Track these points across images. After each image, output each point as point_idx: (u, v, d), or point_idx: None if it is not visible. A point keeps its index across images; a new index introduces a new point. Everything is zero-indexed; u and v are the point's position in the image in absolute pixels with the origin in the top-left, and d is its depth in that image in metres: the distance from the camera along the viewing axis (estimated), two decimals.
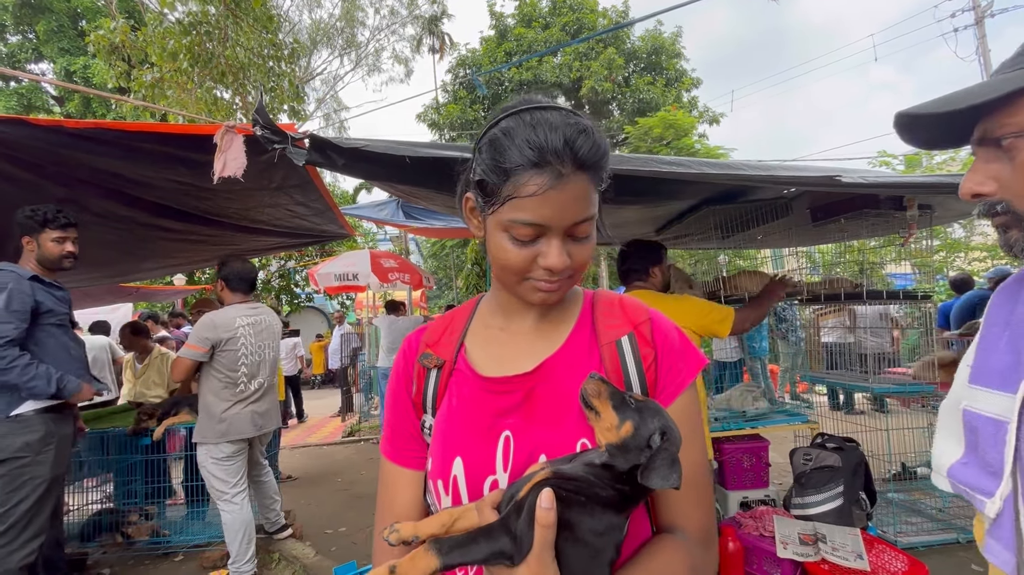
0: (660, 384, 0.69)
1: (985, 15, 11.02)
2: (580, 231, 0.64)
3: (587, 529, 0.55)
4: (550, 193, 0.60)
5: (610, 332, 0.71)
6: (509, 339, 0.75)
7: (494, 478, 0.66)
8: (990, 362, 0.67)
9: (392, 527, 0.60)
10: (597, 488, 0.56)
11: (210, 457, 2.87)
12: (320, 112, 18.16)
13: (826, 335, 6.22)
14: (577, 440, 0.65)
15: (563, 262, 0.62)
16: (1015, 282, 0.71)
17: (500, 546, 0.55)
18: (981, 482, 0.65)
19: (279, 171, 2.54)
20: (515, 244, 0.63)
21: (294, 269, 11.02)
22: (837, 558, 2.29)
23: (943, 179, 2.30)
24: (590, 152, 0.61)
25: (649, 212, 3.28)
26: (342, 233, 4.27)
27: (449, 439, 0.70)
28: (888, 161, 10.40)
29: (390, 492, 0.76)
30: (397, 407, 0.78)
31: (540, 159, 0.59)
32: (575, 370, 0.69)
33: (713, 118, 14.30)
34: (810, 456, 2.71)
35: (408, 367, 0.77)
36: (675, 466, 0.55)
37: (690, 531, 0.68)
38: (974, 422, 0.67)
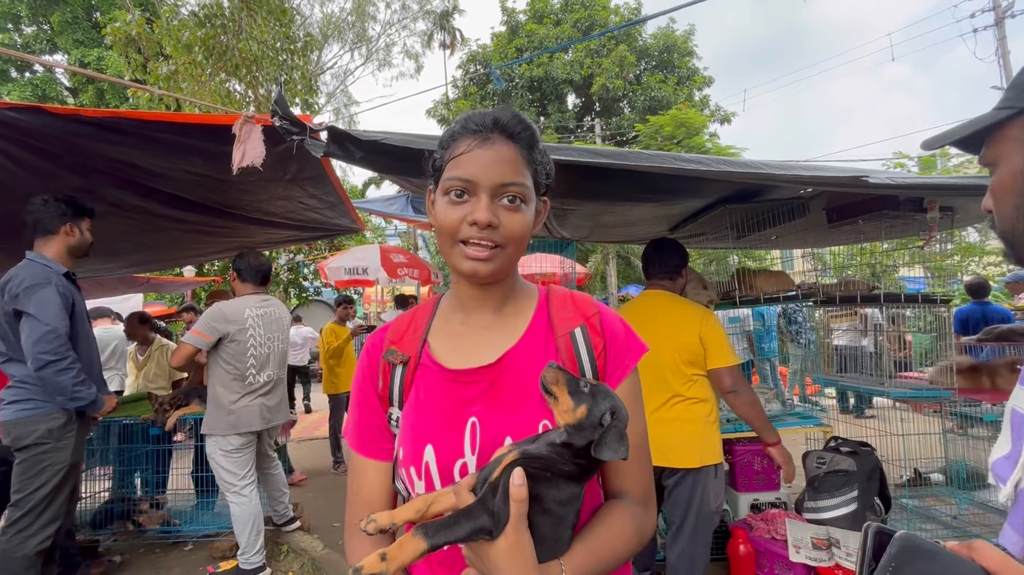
0: (609, 369, 0.78)
1: (1005, 15, 10.83)
2: (509, 193, 0.71)
3: (552, 499, 0.64)
4: (477, 151, 0.70)
5: (564, 324, 0.78)
6: (470, 333, 0.80)
7: (463, 461, 0.72)
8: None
9: (369, 518, 0.65)
10: (560, 464, 0.64)
11: (219, 449, 2.89)
12: (330, 106, 18.20)
13: (838, 338, 6.16)
14: (539, 422, 0.72)
15: (487, 216, 0.69)
16: None
17: (480, 523, 0.60)
18: (1007, 472, 0.68)
19: (293, 163, 2.54)
20: (451, 205, 0.71)
21: (303, 263, 11.06)
22: (851, 563, 2.26)
23: (970, 181, 2.25)
24: (513, 122, 0.72)
25: (664, 210, 3.24)
26: (353, 227, 4.27)
27: (419, 428, 0.75)
28: (903, 163, 10.27)
29: (359, 481, 0.82)
30: (363, 402, 0.82)
31: (471, 127, 0.72)
32: (534, 360, 0.76)
33: (724, 117, 14.19)
34: (824, 460, 2.68)
35: (373, 364, 0.82)
36: (623, 440, 0.64)
37: (633, 494, 0.78)
38: (1016, 420, 0.70)
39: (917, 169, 10.68)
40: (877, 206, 2.87)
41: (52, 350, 2.19)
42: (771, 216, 3.09)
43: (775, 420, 3.13)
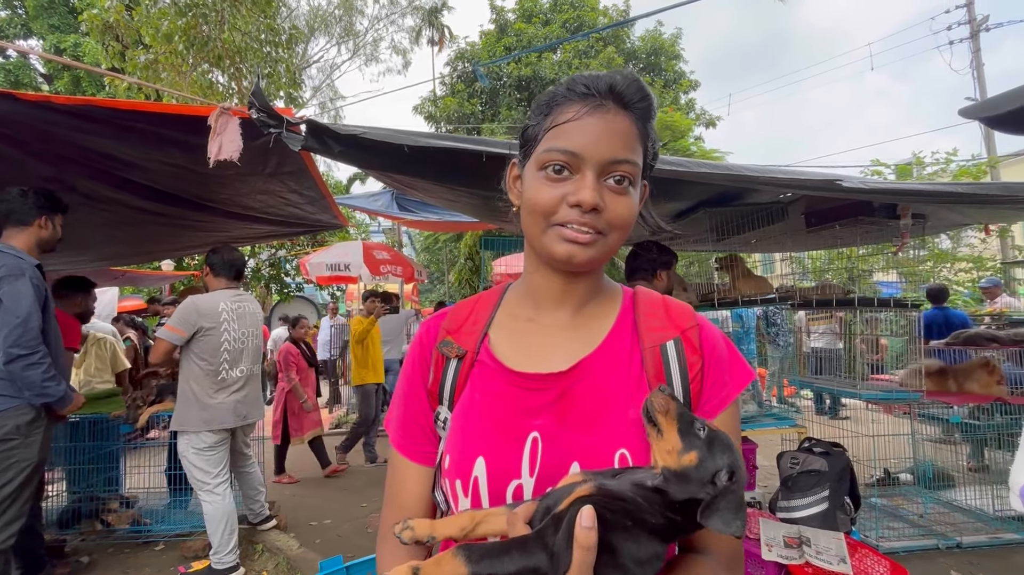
0: (704, 396, 0.65)
1: (980, 29, 11.15)
2: (618, 173, 0.60)
3: (630, 556, 0.51)
4: (587, 119, 0.59)
5: (654, 335, 0.66)
6: (540, 332, 0.69)
7: (519, 482, 0.61)
8: None
9: (406, 523, 0.57)
10: (646, 513, 0.52)
11: (191, 447, 2.83)
12: (316, 100, 17.97)
13: (815, 340, 6.28)
14: (615, 450, 0.60)
15: (594, 198, 0.58)
16: None
17: (535, 561, 0.50)
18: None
19: (273, 157, 2.50)
20: (548, 181, 0.61)
21: (285, 258, 10.92)
22: (821, 561, 2.31)
23: (939, 187, 2.32)
24: (632, 88, 0.61)
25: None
26: (335, 223, 4.22)
27: (471, 436, 0.65)
28: (880, 170, 10.52)
29: (397, 485, 0.72)
30: (410, 397, 0.73)
31: (580, 89, 0.61)
32: (614, 373, 0.64)
33: (710, 121, 14.36)
34: (797, 460, 2.73)
35: (425, 354, 0.72)
36: (740, 512, 0.51)
37: (718, 554, 0.63)
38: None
39: (893, 176, 10.94)
40: (853, 212, 2.94)
41: (23, 343, 2.12)
42: (751, 220, 3.14)
43: (752, 421, 3.19)
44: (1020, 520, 3.16)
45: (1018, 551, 2.97)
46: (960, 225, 4.31)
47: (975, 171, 9.99)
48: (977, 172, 10.00)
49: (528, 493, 0.61)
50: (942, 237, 10.08)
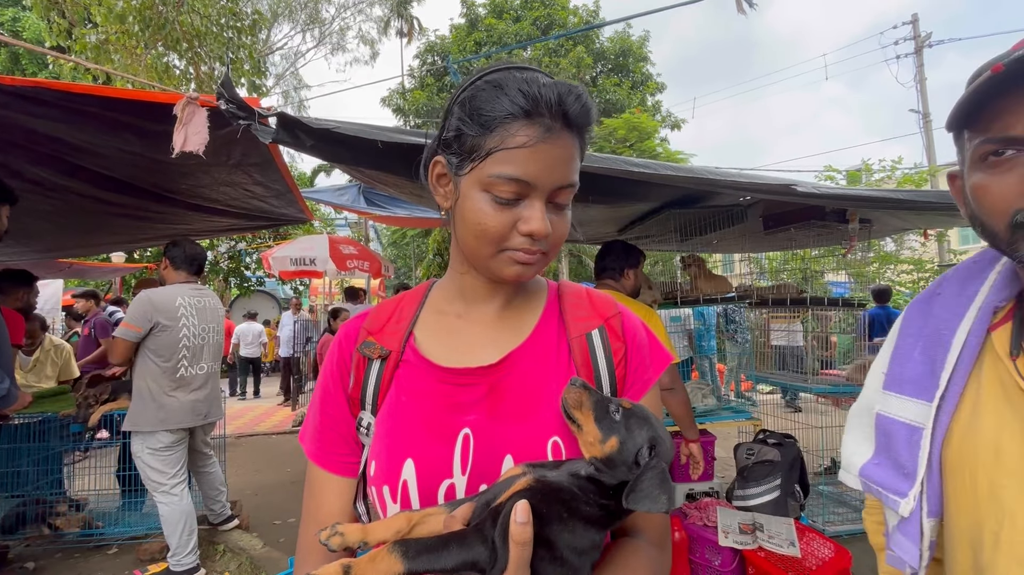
0: (629, 380, 0.67)
1: (924, 45, 11.86)
2: (562, 198, 0.60)
3: (568, 547, 0.51)
4: (540, 147, 0.56)
5: (580, 324, 0.67)
6: (468, 327, 0.68)
7: (451, 482, 0.60)
8: (905, 371, 0.70)
9: (334, 529, 0.52)
10: (581, 503, 0.52)
11: (146, 447, 2.72)
12: (279, 88, 17.42)
13: (777, 338, 6.57)
14: (548, 439, 0.60)
15: (546, 227, 0.58)
16: (926, 297, 0.75)
17: (473, 556, 0.49)
18: (894, 482, 0.68)
19: (238, 148, 2.43)
20: (495, 206, 0.58)
21: (245, 251, 10.55)
22: (772, 546, 2.45)
23: (883, 194, 2.48)
24: (581, 111, 0.58)
25: (613, 212, 3.35)
26: (300, 217, 4.13)
27: (398, 439, 0.62)
28: (833, 176, 11.05)
29: (315, 500, 0.68)
30: (329, 404, 0.69)
31: (533, 109, 0.56)
32: (543, 363, 0.65)
33: (675, 123, 14.73)
34: (752, 451, 2.87)
35: (344, 358, 0.69)
36: (664, 486, 0.51)
37: (649, 533, 0.66)
38: (887, 426, 0.70)
39: (845, 182, 11.53)
40: (806, 216, 3.10)
41: None
42: (712, 221, 3.27)
43: (711, 414, 3.33)
44: None
45: None
46: (902, 230, 4.59)
47: (917, 179, 10.65)
48: (919, 180, 10.66)
49: (461, 492, 0.59)
50: (887, 240, 10.72)
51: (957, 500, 0.64)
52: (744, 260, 4.52)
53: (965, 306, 0.67)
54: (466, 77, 0.63)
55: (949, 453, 0.64)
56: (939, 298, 0.71)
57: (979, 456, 0.61)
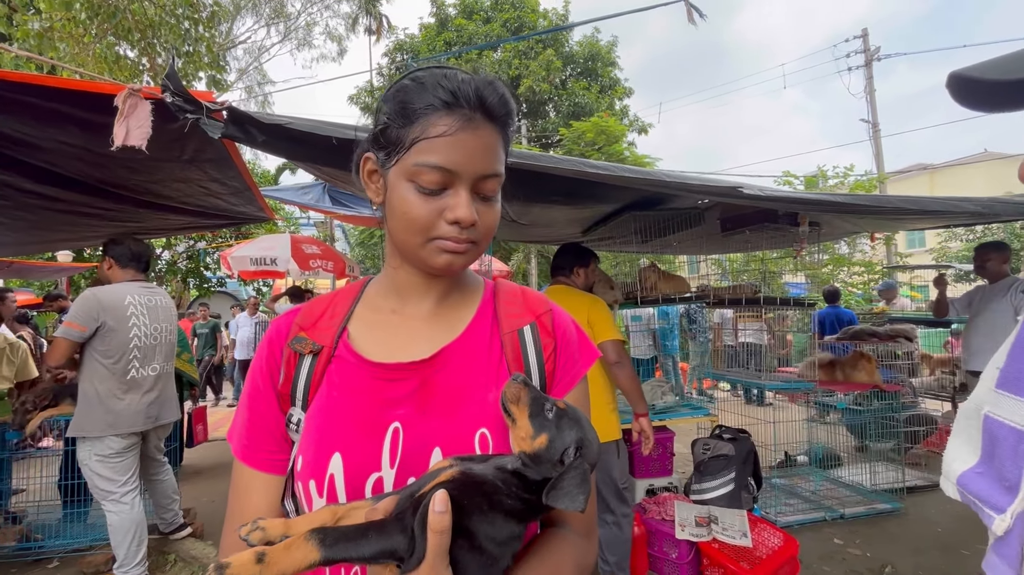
0: (558, 375, 0.69)
1: (873, 58, 12.48)
2: (488, 188, 0.62)
3: (487, 537, 0.52)
4: (460, 135, 0.58)
5: (512, 321, 0.69)
6: (402, 323, 0.69)
7: (379, 475, 0.60)
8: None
9: (255, 524, 0.52)
10: (503, 495, 0.53)
11: (94, 454, 2.59)
12: (242, 83, 16.89)
13: (746, 336, 6.79)
14: (475, 431, 0.62)
15: (471, 215, 0.59)
16: None
17: (392, 544, 0.49)
18: (993, 495, 0.61)
19: (192, 142, 2.35)
20: (420, 195, 0.59)
21: (205, 250, 10.18)
22: (726, 537, 2.53)
23: (824, 197, 2.60)
24: (499, 103, 0.61)
25: (576, 213, 3.40)
26: (261, 216, 4.02)
27: (326, 433, 0.62)
28: (790, 181, 11.49)
29: (241, 499, 0.67)
30: (257, 400, 0.68)
31: (452, 100, 0.59)
32: (475, 358, 0.66)
33: (642, 128, 15.00)
34: (708, 446, 2.96)
35: (275, 354, 0.68)
36: (584, 486, 0.52)
37: (575, 523, 0.68)
38: (996, 430, 0.62)
39: (802, 187, 12.01)
40: (760, 219, 3.22)
41: None
42: (672, 223, 3.36)
43: (670, 411, 3.41)
44: (891, 492, 3.62)
45: (889, 519, 3.40)
46: (851, 233, 4.81)
47: (867, 184, 11.19)
48: (869, 186, 11.20)
49: (389, 485, 0.60)
50: (842, 244, 11.22)
51: None
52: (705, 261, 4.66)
53: None
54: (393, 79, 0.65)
55: None
56: None
57: None
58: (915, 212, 2.74)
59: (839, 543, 3.09)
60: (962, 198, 2.71)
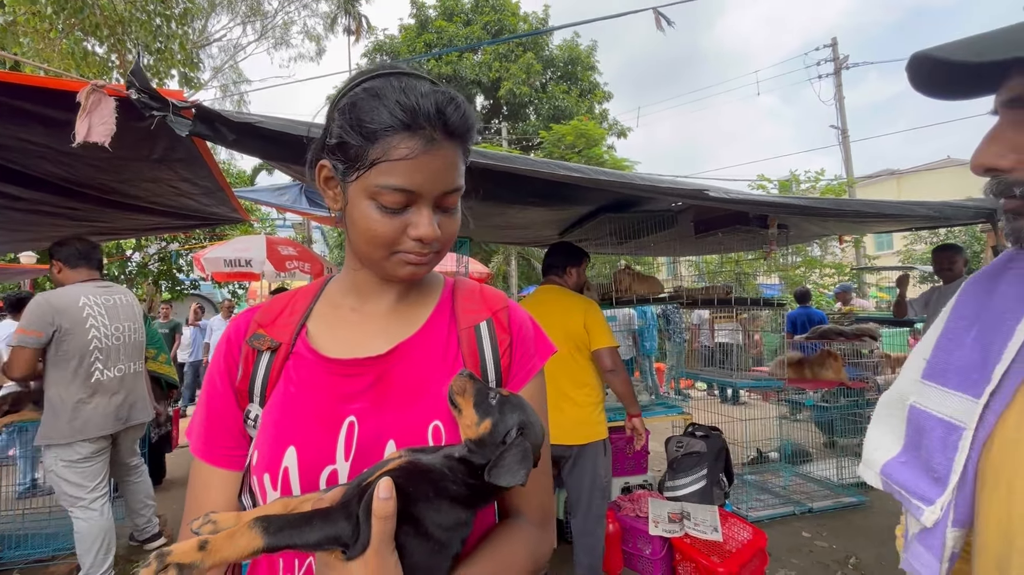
0: (514, 369, 0.71)
1: (842, 66, 12.87)
2: (449, 202, 0.63)
3: (433, 523, 0.53)
4: (423, 158, 0.58)
5: (469, 317, 0.71)
6: (361, 321, 0.70)
7: (333, 468, 0.61)
8: (952, 359, 0.61)
9: (207, 517, 0.52)
10: (448, 482, 0.55)
11: (61, 460, 2.51)
12: (216, 82, 16.57)
13: (721, 337, 6.92)
14: (429, 424, 0.63)
15: (434, 232, 0.61)
16: (992, 272, 0.63)
17: (337, 531, 0.50)
18: (921, 486, 0.61)
19: (161, 141, 2.31)
20: (383, 213, 0.60)
21: (177, 252, 9.95)
22: (697, 532, 2.59)
23: (790, 200, 2.69)
24: (460, 121, 0.60)
25: (553, 215, 3.44)
26: (234, 217, 3.95)
27: (282, 428, 0.63)
28: (764, 185, 11.77)
29: (199, 495, 0.67)
30: (215, 398, 0.69)
31: (412, 122, 0.58)
32: (431, 354, 0.68)
33: (621, 131, 15.20)
34: (681, 444, 3.02)
35: (233, 351, 0.69)
36: (525, 462, 0.54)
37: (530, 513, 0.70)
38: (922, 421, 0.62)
39: (776, 190, 12.31)
40: (732, 221, 3.30)
41: None
42: (647, 225, 3.42)
43: (645, 410, 3.46)
44: (856, 486, 3.74)
45: (855, 512, 3.51)
46: (819, 236, 4.95)
47: (837, 188, 11.52)
48: (839, 190, 11.54)
49: (344, 477, 0.60)
50: (814, 246, 11.54)
51: (988, 513, 0.56)
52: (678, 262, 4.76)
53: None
54: (345, 81, 0.65)
55: (987, 460, 0.56)
56: (1008, 275, 0.60)
57: (1021, 467, 0.53)
58: (874, 215, 2.84)
59: (807, 536, 3.18)
60: (916, 202, 2.82)
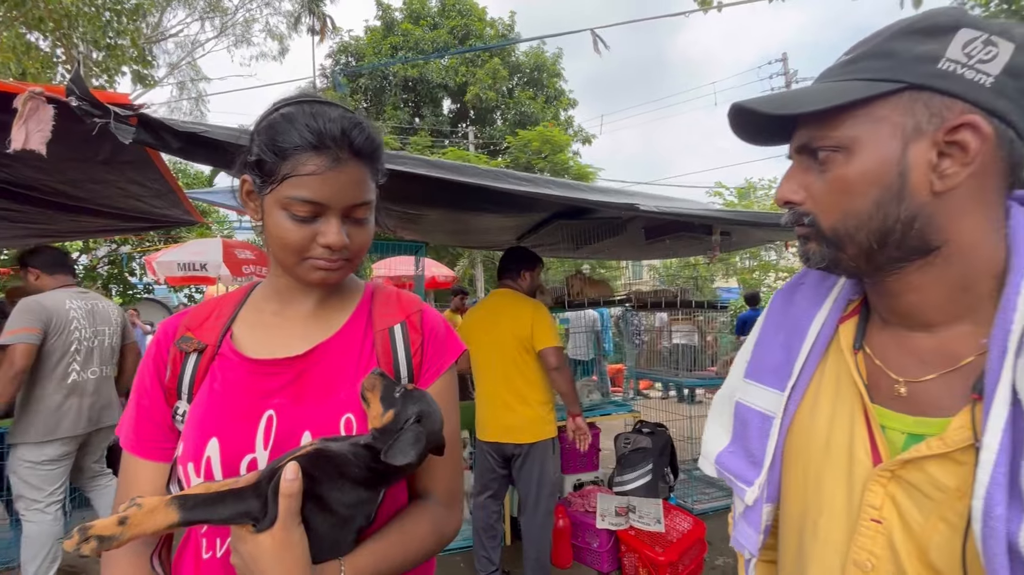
0: (425, 366, 0.78)
1: (792, 80, 13.54)
2: (357, 214, 0.69)
3: (337, 501, 0.60)
4: (328, 174, 0.65)
5: (385, 320, 0.78)
6: (283, 324, 0.76)
7: (253, 456, 0.67)
8: (766, 359, 0.71)
9: (132, 501, 0.55)
10: (352, 466, 0.61)
11: (26, 460, 2.49)
12: (173, 79, 16.01)
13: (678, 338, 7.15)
14: (341, 416, 0.70)
15: (341, 240, 0.67)
16: (791, 287, 0.75)
17: (247, 507, 0.56)
18: (744, 471, 0.69)
19: (108, 143, 2.26)
20: (294, 222, 0.66)
21: (129, 255, 9.57)
22: (641, 524, 2.72)
23: (722, 214, 2.88)
24: (365, 142, 0.68)
25: (509, 221, 3.53)
26: (188, 219, 3.87)
27: (205, 421, 0.69)
28: (721, 192, 12.25)
29: (129, 486, 0.72)
30: (145, 394, 0.75)
31: (319, 142, 0.65)
32: (348, 354, 0.74)
33: (586, 138, 15.49)
34: (629, 440, 3.16)
35: (162, 352, 0.75)
36: (417, 444, 0.61)
37: (438, 493, 0.77)
38: (745, 415, 0.71)
39: (735, 198, 12.83)
40: (678, 228, 3.46)
41: None
42: (599, 231, 3.56)
43: (596, 408, 3.60)
44: None
45: None
46: (765, 242, 5.23)
47: None
48: None
49: (262, 465, 0.66)
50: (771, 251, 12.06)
51: (790, 489, 0.66)
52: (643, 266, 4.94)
53: (824, 296, 0.68)
54: (266, 108, 0.72)
55: (790, 443, 0.66)
56: (802, 287, 0.72)
57: (811, 447, 0.63)
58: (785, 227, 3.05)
59: None
60: None
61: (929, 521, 0.51)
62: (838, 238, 0.56)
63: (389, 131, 13.62)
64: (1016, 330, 0.48)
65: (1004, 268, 0.52)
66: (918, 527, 0.52)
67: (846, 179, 0.54)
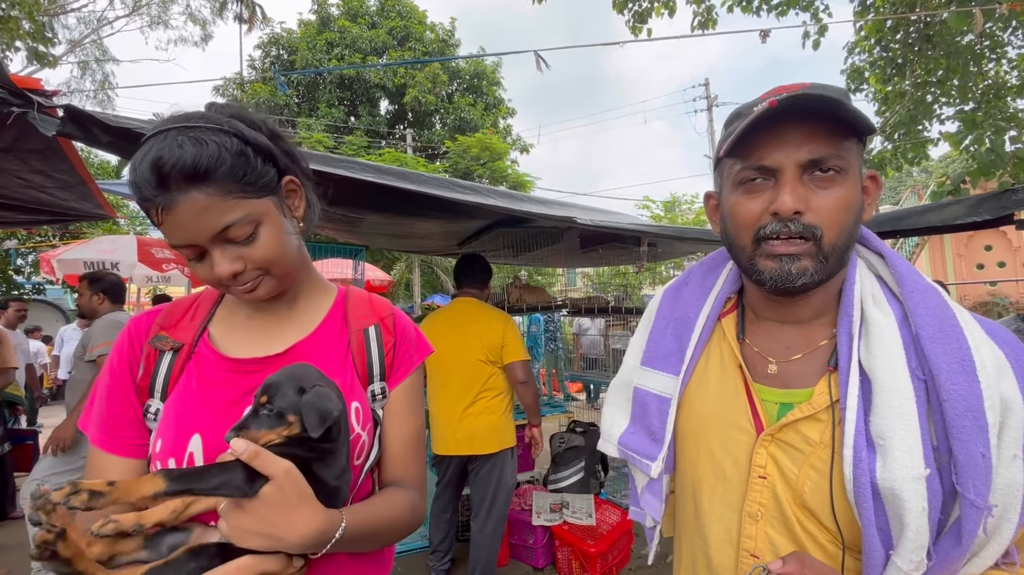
0: (396, 365, 0.83)
1: (713, 103, 14.65)
2: (235, 235, 0.65)
3: (329, 476, 0.64)
4: (169, 220, 0.62)
5: (360, 321, 0.81)
6: (259, 324, 0.78)
7: None
8: (659, 348, 0.80)
9: (108, 518, 0.54)
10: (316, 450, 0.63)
11: None
12: (75, 57, 14.50)
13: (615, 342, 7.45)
14: None
15: (227, 269, 0.66)
16: (677, 286, 0.84)
17: (233, 477, 0.56)
18: (646, 448, 0.76)
19: (10, 131, 2.09)
20: (194, 264, 0.67)
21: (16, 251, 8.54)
22: (574, 519, 2.86)
23: (650, 227, 3.12)
24: (183, 168, 0.60)
25: (450, 226, 3.58)
26: (98, 213, 3.57)
27: (186, 418, 0.70)
28: (648, 205, 12.96)
29: None
30: (115, 391, 0.74)
31: (143, 198, 0.62)
32: (326, 352, 0.77)
33: (524, 147, 15.81)
34: (563, 439, 3.31)
35: (135, 350, 0.75)
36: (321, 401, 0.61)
37: (408, 481, 0.82)
38: (644, 398, 0.79)
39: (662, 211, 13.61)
40: (610, 238, 3.69)
41: None
42: (538, 239, 3.71)
43: None
44: None
45: None
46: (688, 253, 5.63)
47: None
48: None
49: None
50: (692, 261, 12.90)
51: (684, 459, 0.77)
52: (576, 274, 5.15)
53: (706, 294, 0.78)
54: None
55: (681, 420, 0.76)
56: (687, 287, 0.82)
57: (702, 422, 0.74)
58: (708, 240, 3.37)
59: None
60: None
61: (802, 470, 0.64)
62: (833, 253, 0.63)
63: (323, 129, 13.15)
64: (856, 319, 0.64)
65: (843, 277, 0.68)
66: (794, 477, 0.64)
67: (848, 198, 0.62)
